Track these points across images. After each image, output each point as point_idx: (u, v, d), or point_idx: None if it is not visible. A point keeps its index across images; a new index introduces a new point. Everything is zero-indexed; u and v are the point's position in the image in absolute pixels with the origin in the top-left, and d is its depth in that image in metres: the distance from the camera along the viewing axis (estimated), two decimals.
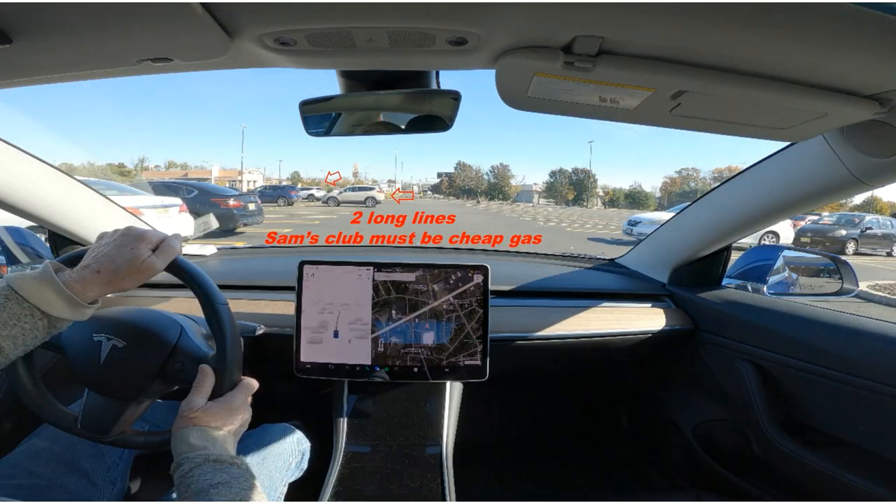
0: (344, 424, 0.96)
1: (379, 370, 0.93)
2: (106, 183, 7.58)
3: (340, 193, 27.27)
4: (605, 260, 1.52)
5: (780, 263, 1.22)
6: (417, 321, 0.93)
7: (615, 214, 31.28)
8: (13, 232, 1.12)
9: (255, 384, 0.66)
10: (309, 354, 0.93)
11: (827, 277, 1.25)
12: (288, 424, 0.96)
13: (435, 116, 0.79)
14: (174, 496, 0.68)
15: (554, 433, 1.65)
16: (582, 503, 1.26)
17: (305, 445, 0.97)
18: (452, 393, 1.01)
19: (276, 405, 1.42)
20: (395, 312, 0.93)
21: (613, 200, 65.32)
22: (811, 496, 0.91)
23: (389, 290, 0.94)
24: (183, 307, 0.98)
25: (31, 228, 1.20)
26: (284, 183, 53.79)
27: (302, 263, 0.94)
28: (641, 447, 1.47)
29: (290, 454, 0.90)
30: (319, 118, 0.82)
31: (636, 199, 63.21)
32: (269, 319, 0.99)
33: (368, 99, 0.76)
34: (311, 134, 0.83)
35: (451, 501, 0.84)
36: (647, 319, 1.16)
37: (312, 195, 30.78)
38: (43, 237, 1.14)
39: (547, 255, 1.58)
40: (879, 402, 0.81)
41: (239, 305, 1.04)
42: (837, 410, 0.90)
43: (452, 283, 0.94)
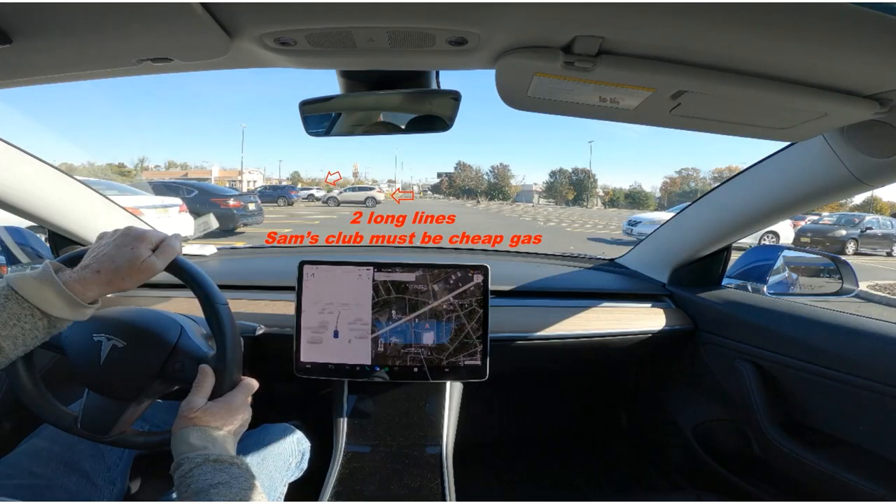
0: (344, 424, 0.96)
1: (379, 370, 0.93)
2: (106, 183, 7.58)
3: (340, 193, 27.25)
4: (605, 260, 1.52)
5: (780, 263, 1.22)
6: (417, 321, 0.93)
7: (615, 214, 31.29)
8: (13, 232, 1.12)
9: (255, 384, 0.66)
10: (309, 354, 0.93)
11: (827, 277, 1.25)
12: (288, 424, 0.96)
13: (435, 116, 0.79)
14: (174, 496, 0.68)
15: (554, 433, 1.64)
16: (582, 503, 1.26)
17: (305, 445, 0.97)
18: (452, 393, 1.01)
19: (276, 405, 1.42)
20: (395, 312, 0.93)
21: (613, 200, 65.30)
22: (811, 496, 0.91)
23: (389, 290, 0.94)
24: (183, 307, 0.98)
25: (31, 228, 1.20)
26: (284, 183, 53.78)
27: (302, 263, 0.94)
28: (641, 447, 1.47)
29: (290, 454, 0.90)
30: (319, 118, 0.82)
31: (636, 199, 63.19)
32: (269, 319, 0.99)
33: (368, 99, 0.76)
34: (311, 134, 0.83)
35: (451, 501, 0.84)
36: (647, 319, 1.16)
37: (312, 195, 30.77)
38: (43, 237, 1.14)
39: (547, 255, 1.58)
40: (879, 402, 0.81)
41: (239, 305, 1.04)
42: (837, 410, 0.90)
43: (452, 283, 0.94)
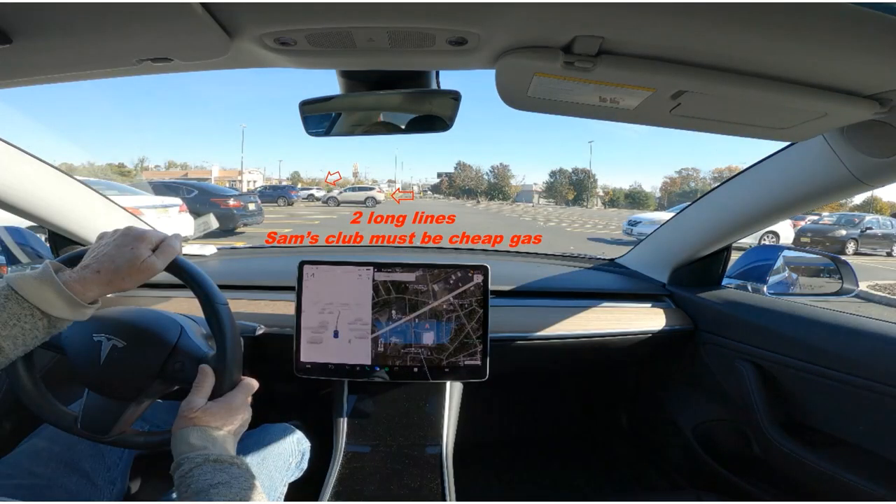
0: (344, 424, 0.96)
1: (379, 370, 0.93)
2: (106, 183, 7.58)
3: (340, 193, 27.25)
4: (605, 260, 1.52)
5: (780, 263, 1.22)
6: (417, 321, 0.93)
7: (615, 214, 31.30)
8: (13, 232, 1.12)
9: (255, 384, 0.66)
10: (309, 354, 0.93)
11: (827, 277, 1.25)
12: (288, 424, 0.96)
13: (435, 116, 0.79)
14: (174, 496, 0.68)
15: (554, 433, 1.64)
16: (582, 503, 1.26)
17: (305, 445, 0.97)
18: (452, 393, 1.01)
19: (276, 405, 1.42)
20: (395, 312, 0.93)
21: (613, 200, 65.30)
22: (811, 496, 0.91)
23: (389, 290, 0.94)
24: (183, 307, 0.98)
25: (30, 228, 1.20)
26: (284, 183, 53.77)
27: (302, 263, 0.94)
28: (641, 447, 1.47)
29: (290, 454, 0.90)
30: (319, 118, 0.82)
31: (636, 199, 63.20)
32: (269, 319, 0.99)
33: (368, 99, 0.76)
34: (311, 134, 0.83)
35: (451, 501, 0.84)
36: (647, 319, 1.16)
37: (312, 195, 30.77)
38: (43, 237, 1.14)
39: (547, 255, 1.57)
40: (879, 402, 0.81)
41: (239, 305, 1.04)
42: (837, 410, 0.90)
43: (452, 283, 0.94)
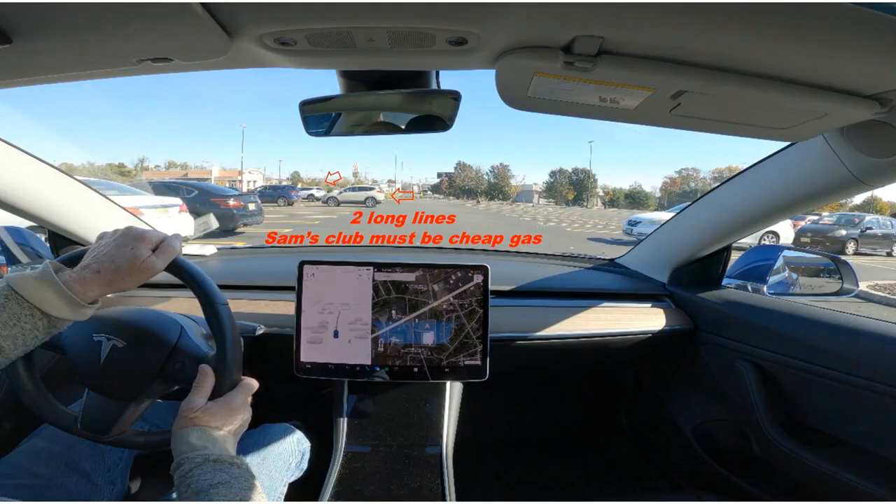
0: (344, 424, 0.96)
1: (379, 370, 0.93)
2: (106, 183, 7.58)
3: (340, 193, 27.23)
4: (605, 260, 1.52)
5: (780, 263, 1.22)
6: (417, 321, 0.93)
7: (615, 214, 31.30)
8: (13, 232, 1.12)
9: (255, 384, 0.66)
10: (309, 354, 0.93)
11: (827, 277, 1.25)
12: (288, 424, 0.96)
13: (435, 116, 0.79)
14: (174, 496, 0.68)
15: (554, 433, 1.64)
16: (582, 503, 1.26)
17: (305, 445, 0.97)
18: (452, 393, 1.01)
19: (276, 405, 1.42)
20: (395, 312, 0.93)
21: (613, 200, 65.31)
22: (811, 496, 0.91)
23: (389, 290, 0.94)
24: (183, 307, 0.98)
25: (30, 228, 1.20)
26: (284, 183, 53.76)
27: (302, 263, 0.94)
28: (641, 447, 1.47)
29: (290, 454, 0.90)
30: (319, 118, 0.82)
31: (636, 199, 63.21)
32: (269, 319, 0.99)
33: (368, 99, 0.76)
34: (311, 134, 0.83)
35: (450, 501, 0.84)
36: (647, 319, 1.16)
37: (312, 195, 30.78)
38: (43, 237, 1.14)
39: (547, 255, 1.57)
40: (879, 402, 0.81)
41: (239, 305, 1.04)
42: (837, 410, 0.90)
43: (452, 283, 0.94)
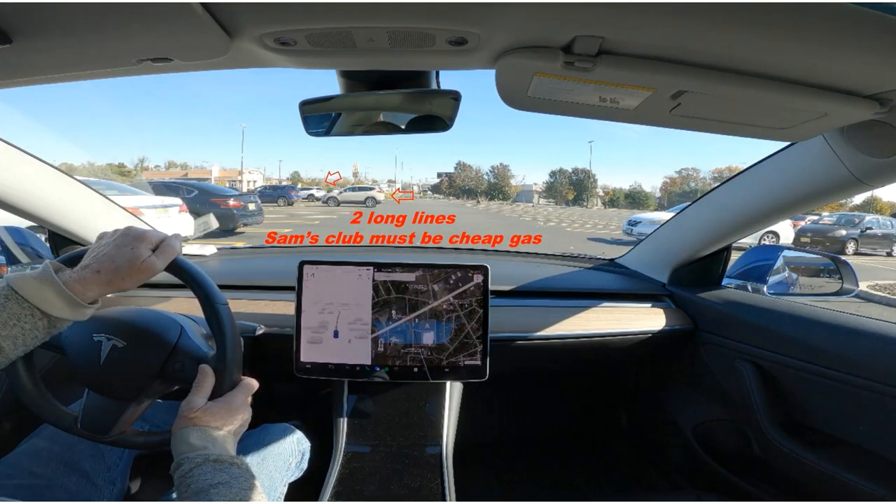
0: (344, 424, 0.96)
1: (379, 370, 0.93)
2: (106, 183, 7.59)
3: (340, 193, 27.21)
4: (605, 260, 1.52)
5: (780, 263, 1.22)
6: (417, 321, 0.93)
7: (615, 214, 31.30)
8: (13, 232, 1.12)
9: (255, 384, 0.66)
10: (309, 354, 0.93)
11: (827, 277, 1.25)
12: (288, 424, 0.96)
13: (435, 116, 0.79)
14: (174, 496, 0.67)
15: (554, 433, 1.64)
16: (582, 503, 1.26)
17: (305, 445, 0.97)
18: (452, 393, 1.01)
19: (276, 405, 1.42)
20: (395, 312, 0.93)
21: (613, 200, 65.33)
22: (811, 496, 0.91)
23: (389, 290, 0.94)
24: (183, 307, 0.98)
25: (30, 228, 1.20)
26: (284, 183, 53.73)
27: (302, 263, 0.94)
28: (641, 447, 1.47)
29: (290, 454, 0.90)
30: (319, 118, 0.82)
31: (636, 199, 63.22)
32: (269, 319, 0.99)
33: (368, 99, 0.76)
34: (311, 134, 0.83)
35: (450, 501, 0.84)
36: (647, 319, 1.16)
37: (312, 195, 30.78)
38: (43, 237, 1.14)
39: (547, 255, 1.57)
40: (879, 402, 0.81)
41: (239, 305, 1.04)
42: (837, 410, 0.90)
43: (452, 283, 0.94)
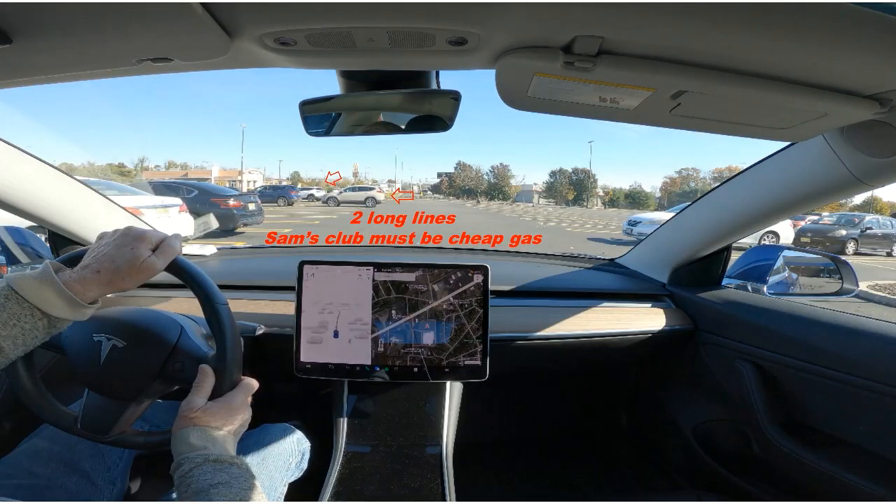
0: (344, 424, 0.96)
1: (379, 370, 0.93)
2: (106, 183, 7.59)
3: (340, 193, 27.18)
4: (605, 260, 1.52)
5: (780, 263, 1.22)
6: (417, 321, 0.93)
7: (615, 214, 31.30)
8: (13, 232, 1.12)
9: (255, 384, 0.66)
10: (309, 354, 0.93)
11: (827, 277, 1.25)
12: (288, 424, 0.96)
13: (435, 116, 0.79)
14: (174, 496, 0.67)
15: (554, 433, 1.64)
16: (582, 503, 1.26)
17: (305, 445, 0.97)
18: (452, 393, 1.01)
19: (276, 405, 1.42)
20: (395, 312, 0.93)
21: (613, 200, 65.35)
22: (811, 496, 0.91)
23: (389, 290, 0.94)
24: (183, 307, 0.98)
25: (30, 228, 1.20)
26: (284, 183, 53.69)
27: (302, 263, 0.94)
28: (641, 447, 1.47)
29: (290, 454, 0.90)
30: (319, 118, 0.82)
31: (636, 199, 63.25)
32: (269, 319, 0.99)
33: (368, 99, 0.76)
34: (311, 134, 0.83)
35: (450, 501, 0.84)
36: (647, 319, 1.16)
37: (312, 195, 30.78)
38: (43, 237, 1.14)
39: (547, 255, 1.58)
40: (879, 402, 0.81)
41: (239, 305, 1.04)
42: (837, 410, 0.90)
43: (452, 283, 0.94)
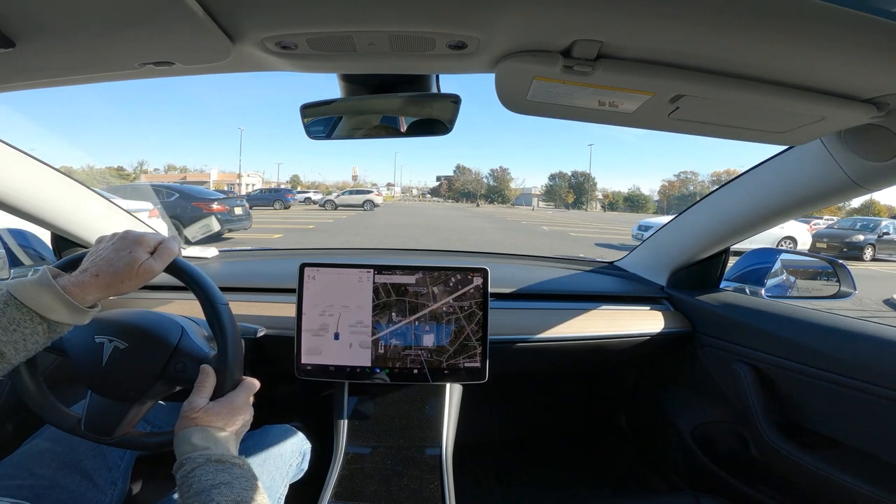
0: (344, 426, 0.96)
1: (379, 372, 0.93)
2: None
3: (338, 196, 26.90)
4: (604, 263, 1.52)
5: (777, 266, 1.23)
6: (417, 323, 0.94)
7: (616, 218, 31.27)
8: (16, 234, 1.12)
9: (256, 384, 0.66)
10: (310, 356, 0.93)
11: (825, 280, 1.26)
12: (289, 426, 0.96)
13: (435, 120, 0.80)
14: (176, 497, 0.68)
15: (553, 435, 1.64)
16: None
17: (306, 446, 0.97)
18: (452, 395, 1.01)
19: (277, 407, 1.42)
20: (395, 315, 0.94)
21: (612, 204, 65.44)
22: (809, 498, 0.91)
23: (390, 292, 0.94)
24: (184, 310, 0.98)
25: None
26: (283, 186, 53.44)
27: (303, 266, 0.94)
28: (640, 449, 1.47)
29: (290, 455, 0.90)
30: (320, 121, 0.82)
31: (635, 202, 63.37)
32: (270, 322, 0.99)
33: (369, 102, 0.77)
34: (312, 137, 0.83)
35: (450, 502, 0.84)
36: (645, 322, 1.16)
37: (309, 199, 30.65)
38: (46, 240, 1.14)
39: (546, 257, 1.58)
40: (876, 404, 0.82)
41: (240, 308, 1.04)
42: (834, 412, 0.91)
43: (452, 285, 0.94)
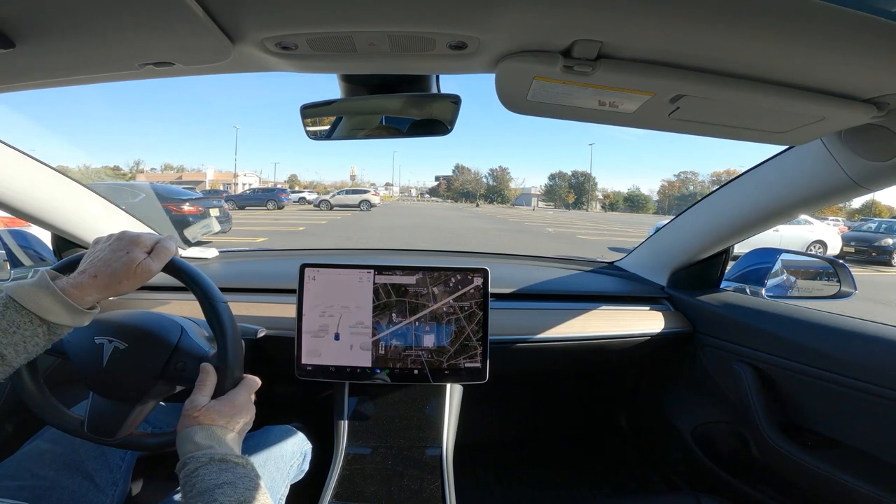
0: (345, 426, 0.96)
1: (380, 372, 0.93)
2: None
3: (333, 196, 25.87)
4: (604, 263, 1.52)
5: (778, 266, 1.23)
6: (418, 324, 0.94)
7: (619, 218, 31.22)
8: (16, 235, 1.12)
9: (257, 381, 0.66)
10: (310, 357, 0.93)
11: (825, 280, 1.25)
12: (289, 426, 0.96)
13: (435, 120, 0.80)
14: (177, 497, 0.68)
15: (553, 435, 1.65)
16: None
17: (307, 447, 0.97)
18: (452, 395, 1.01)
19: (277, 407, 1.42)
20: (395, 315, 0.94)
21: (613, 204, 65.44)
22: (809, 498, 0.91)
23: (390, 293, 0.94)
24: (184, 310, 0.98)
25: None
26: (280, 186, 52.90)
27: (303, 266, 0.94)
28: (640, 449, 1.47)
29: (291, 455, 0.90)
30: (320, 122, 0.82)
31: (635, 202, 63.37)
32: (270, 322, 0.99)
33: (369, 103, 0.77)
34: (312, 137, 0.83)
35: (450, 503, 0.84)
36: (645, 322, 1.16)
37: (304, 198, 30.11)
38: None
39: (546, 258, 1.58)
40: (876, 404, 0.82)
41: (240, 308, 1.04)
42: (835, 413, 0.91)
43: (452, 285, 0.94)
